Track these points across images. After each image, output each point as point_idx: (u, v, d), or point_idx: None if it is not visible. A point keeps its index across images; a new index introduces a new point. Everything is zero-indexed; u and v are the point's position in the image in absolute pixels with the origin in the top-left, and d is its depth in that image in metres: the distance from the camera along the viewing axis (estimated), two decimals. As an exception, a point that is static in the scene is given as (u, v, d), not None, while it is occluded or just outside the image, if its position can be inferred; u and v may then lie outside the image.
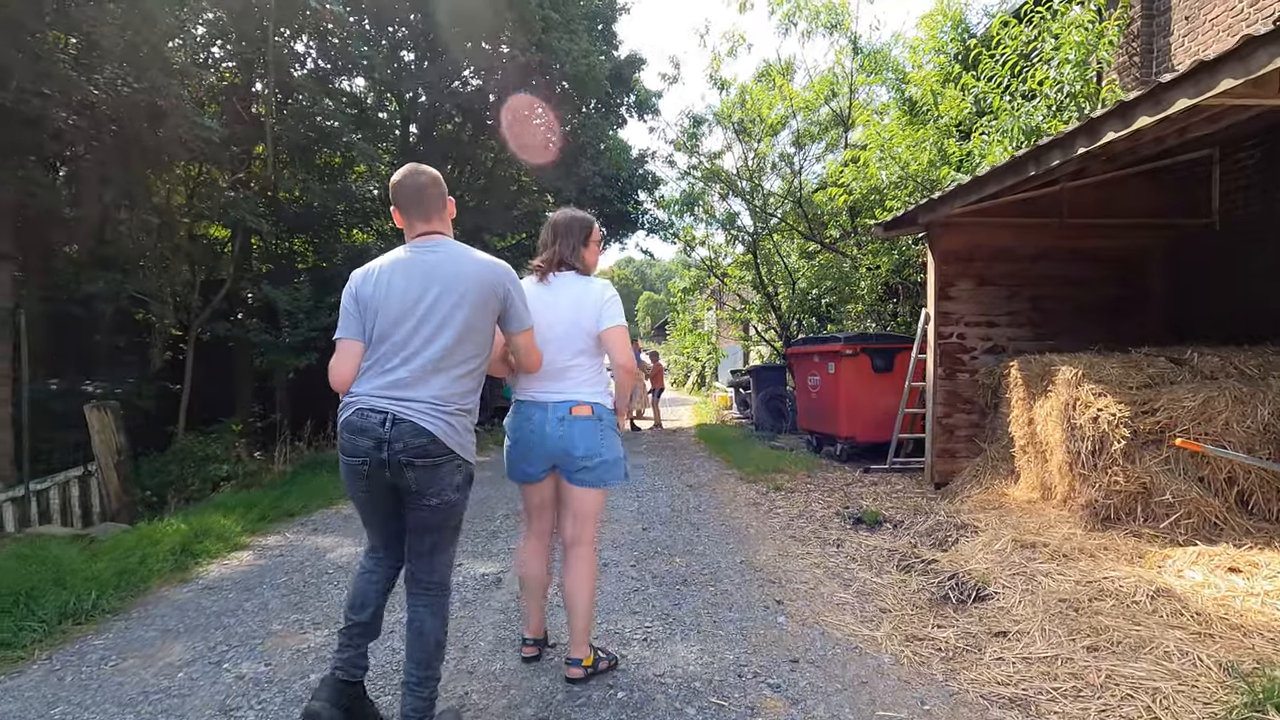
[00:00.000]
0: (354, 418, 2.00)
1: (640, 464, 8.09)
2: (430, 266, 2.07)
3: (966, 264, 5.88)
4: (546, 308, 2.45)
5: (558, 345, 2.46)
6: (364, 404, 2.00)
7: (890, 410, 7.49)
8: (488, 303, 2.10)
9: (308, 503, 5.90)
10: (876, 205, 8.92)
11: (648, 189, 14.34)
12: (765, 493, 6.01)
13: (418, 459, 1.97)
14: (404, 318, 2.03)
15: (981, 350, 5.90)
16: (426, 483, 2.00)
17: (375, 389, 2.01)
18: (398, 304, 2.03)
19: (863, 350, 7.52)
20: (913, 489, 5.97)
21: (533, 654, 2.71)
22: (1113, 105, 3.14)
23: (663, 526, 4.91)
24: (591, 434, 2.44)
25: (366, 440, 1.97)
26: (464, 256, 2.12)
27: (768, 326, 14.32)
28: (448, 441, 2.02)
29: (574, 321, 2.46)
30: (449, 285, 2.05)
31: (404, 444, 1.96)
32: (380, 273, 2.09)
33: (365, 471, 1.99)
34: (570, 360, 2.48)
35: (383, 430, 1.95)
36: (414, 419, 1.97)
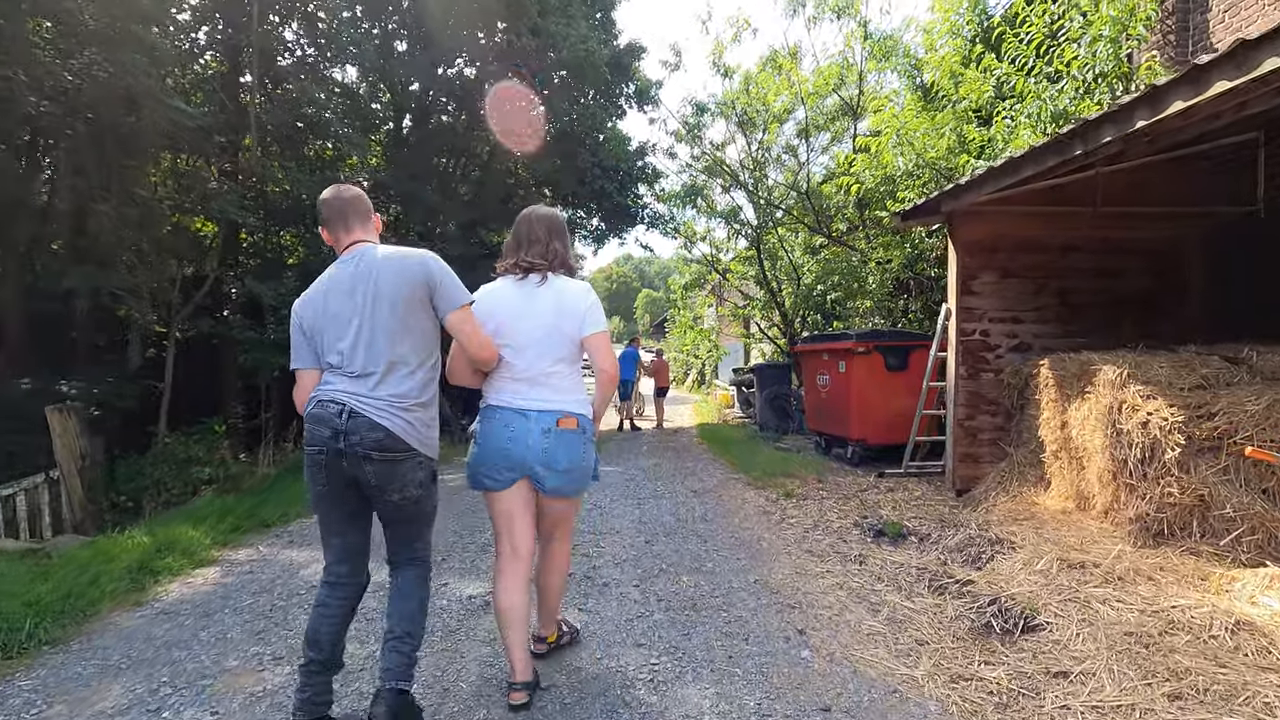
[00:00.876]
0: (315, 409, 2.06)
1: (641, 467, 7.72)
2: (352, 279, 2.11)
3: (990, 255, 5.50)
4: (526, 311, 2.36)
5: (538, 350, 2.36)
6: (324, 396, 2.06)
7: (904, 411, 7.12)
8: (414, 294, 2.11)
9: (286, 510, 5.52)
10: (887, 197, 8.54)
11: (648, 182, 13.94)
12: (775, 500, 5.64)
13: (375, 453, 2.00)
14: (343, 335, 2.08)
15: (1006, 348, 5.53)
16: (386, 478, 2.03)
17: (334, 387, 2.07)
18: (333, 325, 2.09)
19: (876, 348, 7.15)
20: (932, 496, 5.60)
21: (522, 701, 2.34)
22: (1183, 70, 2.76)
23: (667, 539, 4.53)
24: (575, 446, 2.36)
25: (324, 430, 2.01)
26: (382, 258, 2.13)
27: (770, 324, 13.94)
28: (406, 438, 2.05)
29: (555, 326, 2.36)
30: (371, 292, 2.08)
31: (360, 436, 1.99)
32: (315, 299, 2.15)
33: (323, 462, 2.02)
34: (551, 366, 2.37)
35: (339, 421, 1.99)
36: (370, 414, 2.01)
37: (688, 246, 15.07)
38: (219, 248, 9.49)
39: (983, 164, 5.50)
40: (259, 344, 8.64)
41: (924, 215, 5.61)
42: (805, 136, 10.35)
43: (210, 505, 5.78)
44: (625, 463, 8.11)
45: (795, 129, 11.21)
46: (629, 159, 11.90)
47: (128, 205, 7.94)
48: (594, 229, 15.08)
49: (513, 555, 2.41)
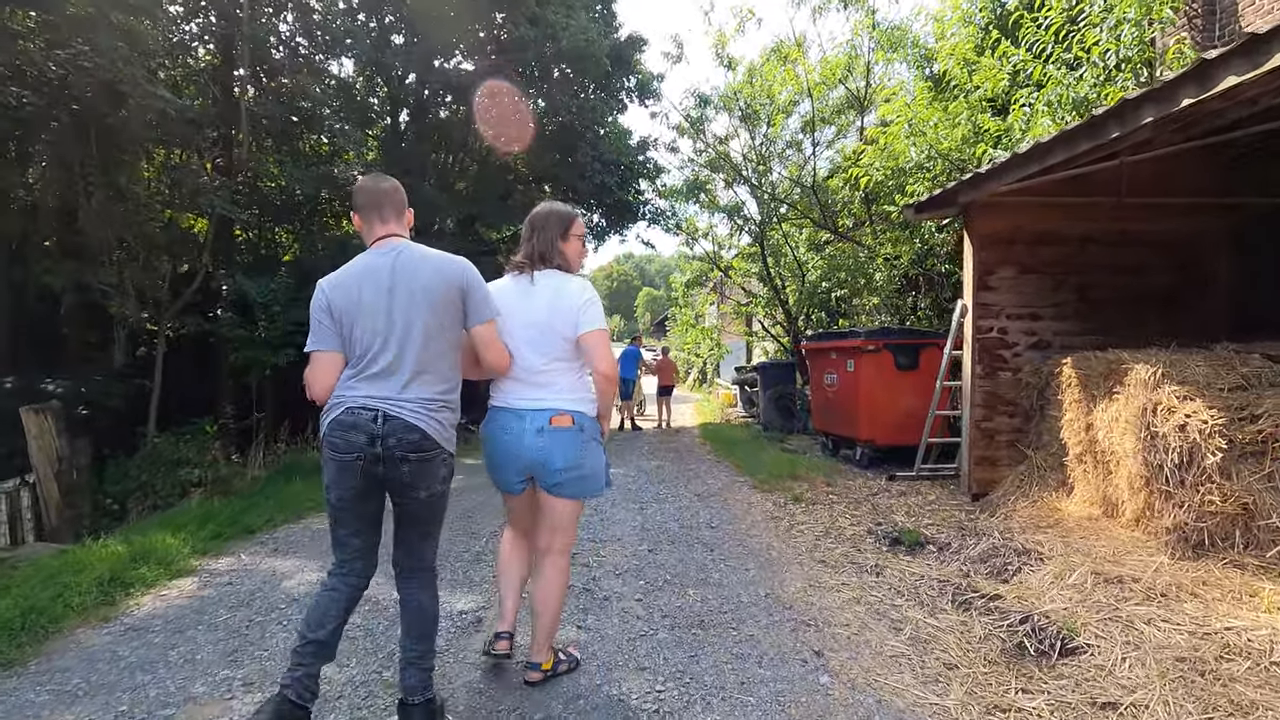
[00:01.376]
0: (344, 416, 2.03)
1: (643, 469, 7.49)
2: (391, 274, 2.09)
3: (1008, 249, 5.27)
4: (521, 308, 2.35)
5: (533, 349, 2.33)
6: (352, 403, 2.03)
7: (914, 411, 6.89)
8: (449, 300, 2.11)
9: (273, 516, 5.29)
10: (896, 191, 8.31)
11: (649, 178, 13.70)
12: (783, 504, 5.40)
13: (412, 454, 2.02)
14: (376, 328, 2.06)
15: (1024, 346, 5.29)
16: (419, 476, 2.06)
17: (361, 392, 2.05)
18: (369, 316, 2.06)
19: (885, 346, 6.91)
20: (947, 500, 5.37)
21: (505, 650, 2.54)
22: (1238, 41, 2.52)
23: (671, 547, 4.30)
24: (572, 446, 2.31)
25: (360, 435, 2.00)
26: (421, 258, 2.13)
27: (774, 321, 13.71)
28: (437, 437, 2.08)
29: (548, 324, 2.32)
30: (410, 289, 2.07)
31: (398, 439, 2.00)
32: (349, 284, 2.10)
33: (359, 467, 2.01)
34: (547, 365, 2.33)
35: (375, 426, 1.99)
36: (404, 417, 2.02)
37: (689, 243, 14.85)
38: (209, 244, 9.26)
39: (1002, 153, 5.26)
40: (249, 342, 8.40)
41: (939, 207, 5.37)
42: (811, 129, 10.10)
43: (195, 510, 5.55)
44: (627, 464, 7.88)
45: (800, 123, 10.97)
46: (630, 154, 11.66)
47: (115, 200, 7.72)
48: (595, 225, 14.83)
49: (517, 534, 2.63)
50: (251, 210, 10.69)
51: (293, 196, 10.48)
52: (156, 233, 8.53)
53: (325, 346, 2.11)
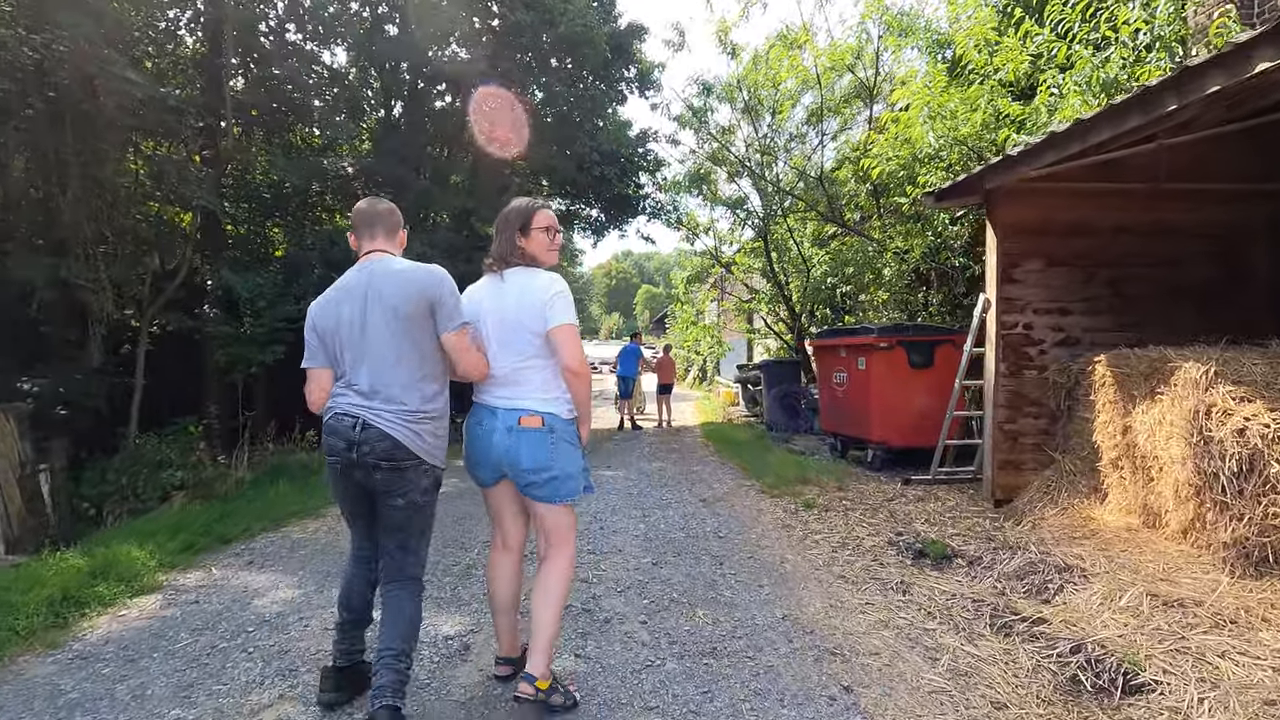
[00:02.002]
0: (331, 421, 2.18)
1: (644, 472, 7.17)
2: (365, 287, 2.18)
3: (1035, 240, 4.95)
4: (494, 307, 2.34)
5: (503, 346, 2.31)
6: (339, 409, 2.17)
7: (929, 411, 6.58)
8: (419, 311, 2.17)
9: (252, 524, 4.97)
10: (906, 182, 8.00)
11: (649, 171, 13.37)
12: (795, 511, 5.09)
13: (384, 462, 2.11)
14: (353, 341, 2.17)
15: (1051, 343, 4.98)
16: (392, 484, 2.14)
17: (347, 399, 2.17)
18: (347, 329, 2.17)
19: (899, 343, 6.60)
20: (968, 506, 5.05)
21: (506, 673, 2.52)
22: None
23: (677, 559, 3.98)
24: (540, 447, 2.27)
25: (340, 441, 2.13)
26: (393, 270, 2.21)
27: (777, 318, 13.40)
28: (412, 447, 2.14)
29: (516, 321, 2.29)
30: (381, 303, 2.16)
31: (371, 447, 2.10)
32: (330, 304, 2.23)
33: (339, 470, 2.17)
34: (520, 363, 2.30)
35: (353, 433, 2.11)
36: (380, 425, 2.11)
37: (690, 239, 14.52)
38: (194, 238, 8.92)
39: (1026, 138, 4.94)
40: (235, 339, 8.07)
41: (960, 195, 5.06)
42: (819, 118, 9.75)
43: (169, 517, 5.23)
44: (627, 466, 7.57)
45: (805, 113, 10.65)
46: (630, 145, 11.32)
47: (93, 192, 7.39)
48: (593, 220, 14.50)
49: (503, 547, 2.51)
50: (240, 204, 10.39)
51: (282, 190, 10.16)
52: (139, 226, 8.21)
53: (315, 364, 2.25)
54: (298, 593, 3.60)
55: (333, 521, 5.15)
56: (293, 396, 2.38)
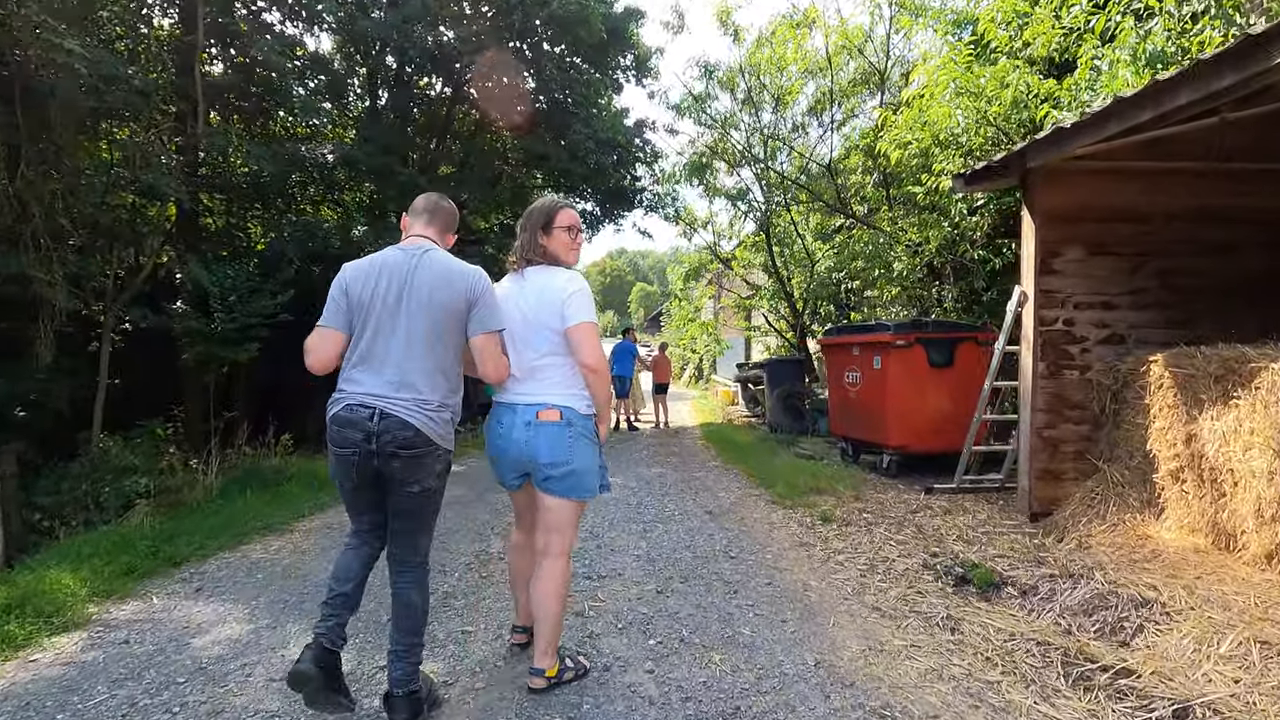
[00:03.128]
0: (343, 412, 2.11)
1: (644, 478, 6.69)
2: (411, 272, 2.15)
3: (1076, 226, 4.50)
4: (514, 305, 2.36)
5: (523, 344, 2.34)
6: (353, 400, 2.11)
7: (950, 414, 6.13)
8: (456, 309, 2.17)
9: (209, 541, 4.46)
10: (920, 170, 7.56)
11: (646, 163, 12.89)
12: (811, 525, 4.62)
13: (403, 450, 2.08)
14: (386, 322, 2.13)
15: (1095, 340, 4.52)
16: (410, 471, 2.12)
17: (364, 388, 2.11)
18: (380, 305, 2.14)
19: (917, 341, 6.14)
20: (1001, 520, 4.60)
21: (523, 640, 2.69)
22: None
23: (685, 586, 3.50)
24: (559, 441, 2.28)
25: (356, 433, 2.07)
26: (441, 264, 2.20)
27: (778, 315, 12.94)
28: (430, 434, 2.12)
29: (536, 318, 2.33)
30: (424, 293, 2.13)
31: (391, 436, 2.06)
32: (368, 272, 2.18)
33: (355, 463, 2.10)
34: (538, 360, 2.32)
35: (371, 424, 2.06)
36: (400, 414, 2.07)
37: (688, 234, 14.04)
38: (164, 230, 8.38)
39: (1069, 115, 4.48)
40: (205, 336, 7.54)
41: (994, 177, 4.59)
42: (828, 104, 9.25)
43: (125, 531, 4.70)
44: (625, 472, 7.08)
45: (811, 100, 10.18)
46: (626, 134, 10.82)
47: (48, 178, 6.84)
48: (589, 214, 13.99)
49: (523, 533, 2.60)
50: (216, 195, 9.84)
51: (260, 180, 9.63)
52: (102, 216, 7.66)
53: (333, 325, 2.17)
54: (247, 629, 3.10)
55: (299, 538, 4.66)
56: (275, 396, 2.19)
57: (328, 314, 2.19)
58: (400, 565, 2.24)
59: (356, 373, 2.13)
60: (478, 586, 3.59)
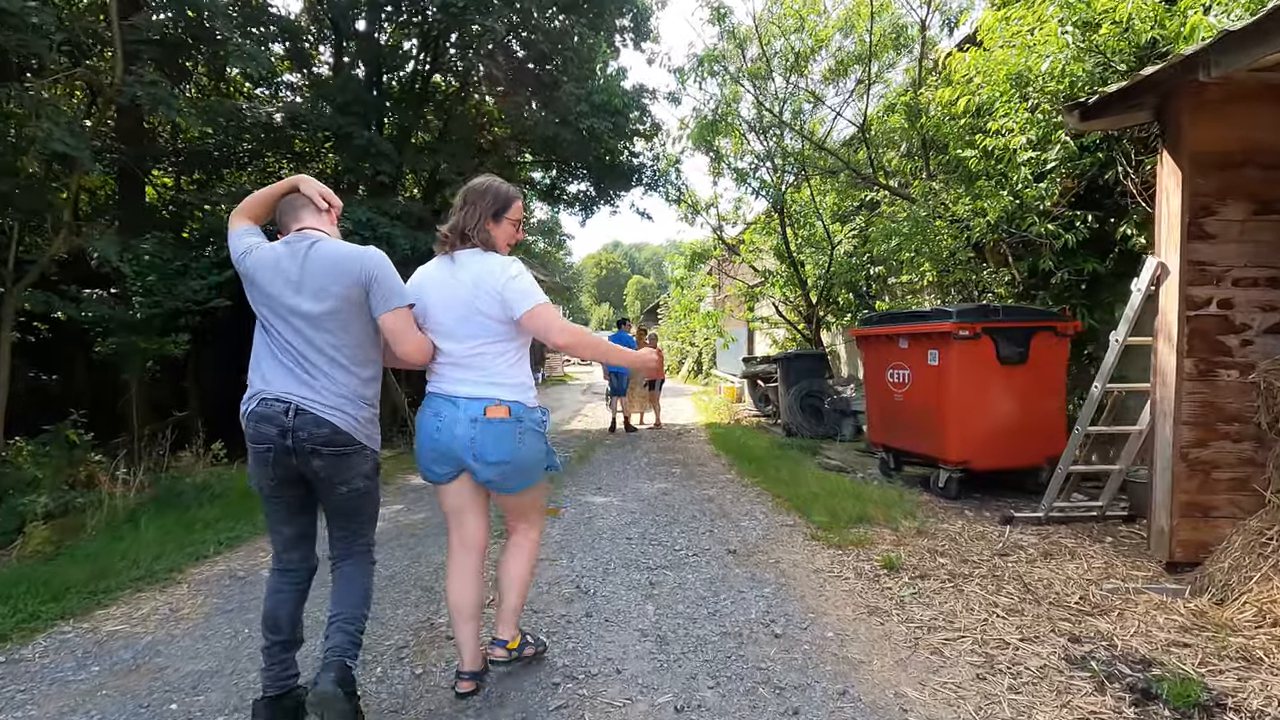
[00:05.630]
0: (258, 407, 2.03)
1: (643, 498, 5.50)
2: (301, 263, 2.05)
3: (1237, 174, 3.32)
4: (444, 288, 2.19)
5: (457, 329, 2.17)
6: (267, 394, 2.03)
7: (1026, 423, 4.99)
8: (353, 292, 2.06)
9: (56, 601, 3.25)
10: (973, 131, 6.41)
11: (645, 136, 11.66)
12: (874, 576, 3.45)
13: (323, 447, 2.00)
14: (288, 315, 2.04)
15: (1260, 328, 3.35)
16: (334, 471, 2.04)
17: (276, 385, 2.03)
18: (279, 300, 2.03)
19: (984, 331, 4.96)
20: (1128, 569, 3.44)
21: (468, 689, 2.30)
22: None
23: (715, 695, 2.32)
24: (506, 438, 2.15)
25: (271, 427, 2.00)
26: (319, 249, 2.08)
27: (790, 305, 11.76)
28: (351, 432, 2.05)
29: (470, 306, 2.15)
30: (318, 282, 2.04)
31: (308, 433, 1.99)
32: (267, 264, 2.06)
33: (270, 458, 2.02)
34: (477, 348, 2.17)
35: (286, 419, 1.99)
36: (315, 411, 2.00)
37: (689, 217, 12.82)
38: (67, 202, 7.11)
39: (1233, 21, 3.30)
40: (120, 324, 6.31)
41: (1126, 107, 3.40)
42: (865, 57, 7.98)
43: None
44: (619, 489, 5.90)
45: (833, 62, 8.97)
46: (624, 97, 9.56)
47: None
48: (582, 195, 12.76)
49: (461, 548, 2.33)
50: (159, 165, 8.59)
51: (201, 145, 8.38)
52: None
53: None
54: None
55: (183, 596, 3.45)
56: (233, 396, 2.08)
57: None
58: (340, 557, 2.17)
59: (270, 367, 2.06)
60: (421, 650, 2.41)
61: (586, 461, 7.45)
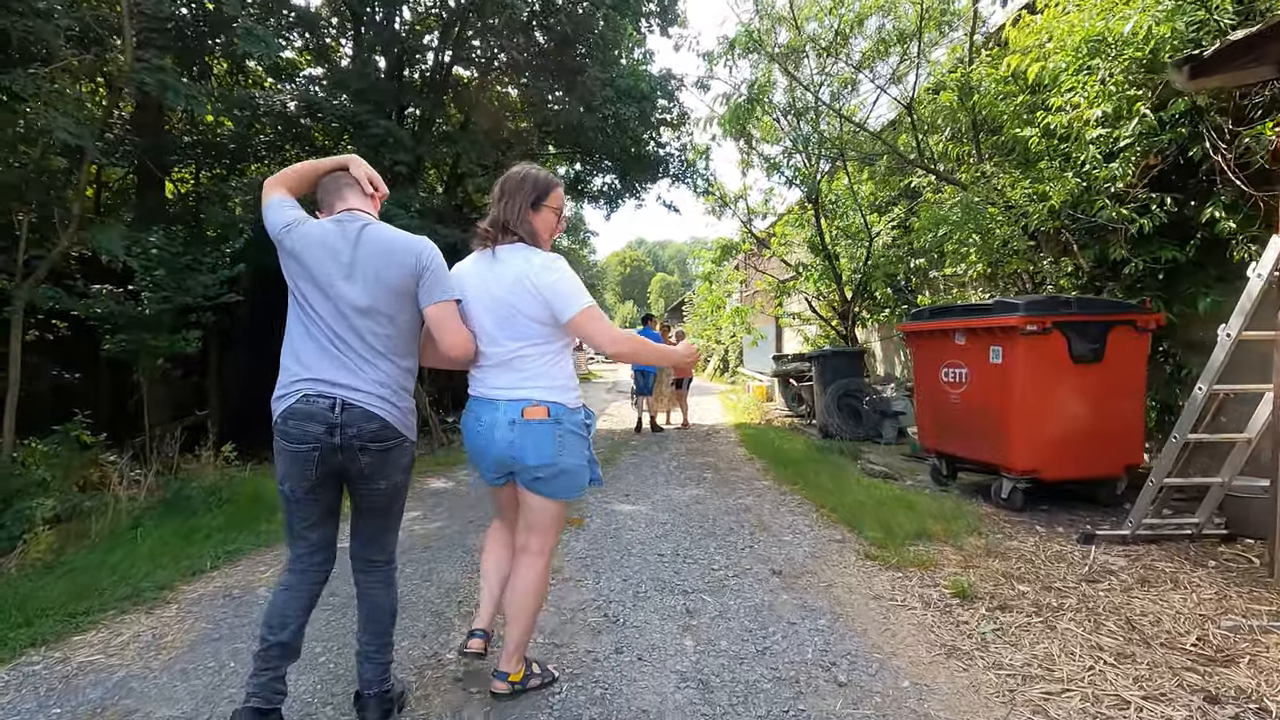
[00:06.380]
0: (299, 404, 1.90)
1: (675, 505, 5.09)
2: (353, 247, 1.94)
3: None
4: (485, 286, 2.08)
5: (497, 331, 2.07)
6: (308, 389, 1.91)
7: (1102, 428, 4.50)
8: (406, 282, 1.97)
9: (27, 626, 2.95)
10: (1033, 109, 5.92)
11: (672, 125, 11.24)
12: (946, 607, 3.00)
13: (372, 444, 1.92)
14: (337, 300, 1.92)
15: None
16: (379, 466, 1.96)
17: (319, 372, 1.91)
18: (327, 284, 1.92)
19: (1055, 325, 4.47)
20: (1245, 601, 2.94)
21: (478, 649, 2.29)
22: None
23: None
24: (546, 441, 2.04)
25: (316, 425, 1.89)
26: (386, 235, 2.00)
27: (825, 300, 11.23)
28: (397, 425, 1.98)
29: (510, 304, 2.04)
30: (370, 268, 1.94)
31: (357, 429, 1.90)
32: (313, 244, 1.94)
33: (315, 459, 1.90)
34: (517, 349, 2.06)
35: (334, 415, 1.88)
36: (364, 405, 1.91)
37: (717, 210, 12.35)
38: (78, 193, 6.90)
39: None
40: (128, 321, 6.07)
41: (1245, 60, 2.90)
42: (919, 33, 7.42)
43: None
44: (648, 495, 5.50)
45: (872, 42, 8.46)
46: (650, 82, 9.14)
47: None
48: (606, 188, 12.37)
49: (502, 524, 2.37)
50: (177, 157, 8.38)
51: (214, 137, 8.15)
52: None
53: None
54: None
55: (169, 621, 3.12)
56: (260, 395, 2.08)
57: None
58: (366, 564, 2.08)
59: (313, 358, 1.94)
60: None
61: (613, 464, 7.07)
